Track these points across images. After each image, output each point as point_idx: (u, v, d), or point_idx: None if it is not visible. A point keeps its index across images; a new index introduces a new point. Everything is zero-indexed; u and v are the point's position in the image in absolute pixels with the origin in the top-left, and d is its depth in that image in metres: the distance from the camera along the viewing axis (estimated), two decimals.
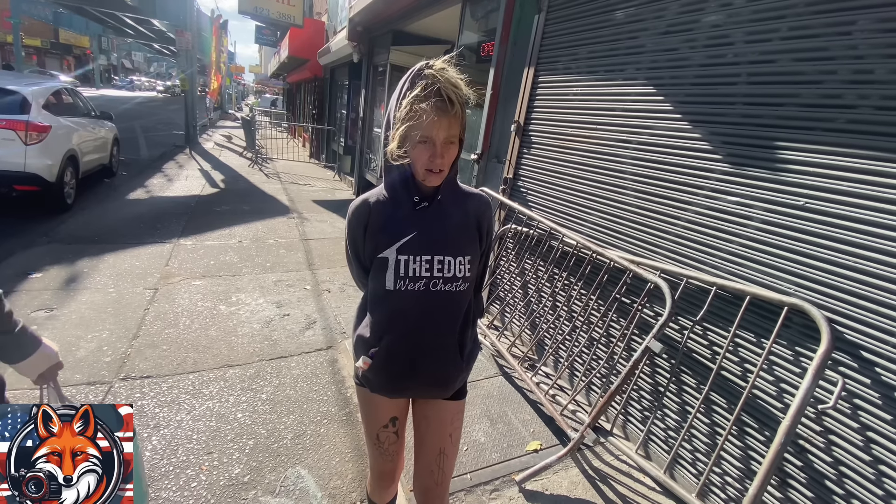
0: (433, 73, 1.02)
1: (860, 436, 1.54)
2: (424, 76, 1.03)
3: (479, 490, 2.01)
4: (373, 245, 1.15)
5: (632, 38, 2.43)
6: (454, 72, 1.05)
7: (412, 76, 1.05)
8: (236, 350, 2.91)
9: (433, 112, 1.01)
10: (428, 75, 1.02)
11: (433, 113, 1.01)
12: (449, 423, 1.31)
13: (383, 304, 1.17)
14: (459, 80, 1.05)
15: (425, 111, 1.01)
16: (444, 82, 1.02)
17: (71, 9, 19.98)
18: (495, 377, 2.88)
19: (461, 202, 1.20)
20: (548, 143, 3.05)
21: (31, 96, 4.98)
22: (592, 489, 2.10)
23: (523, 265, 3.19)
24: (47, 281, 3.50)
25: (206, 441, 2.11)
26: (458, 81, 1.04)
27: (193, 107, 11.58)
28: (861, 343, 1.54)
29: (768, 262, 1.80)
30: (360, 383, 1.28)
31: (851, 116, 1.56)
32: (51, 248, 4.13)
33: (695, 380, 2.06)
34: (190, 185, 7.49)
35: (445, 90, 1.01)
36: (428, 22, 5.74)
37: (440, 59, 1.06)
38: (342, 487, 1.95)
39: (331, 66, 11.42)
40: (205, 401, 2.39)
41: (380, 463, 1.37)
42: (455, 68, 1.06)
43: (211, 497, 1.82)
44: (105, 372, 2.52)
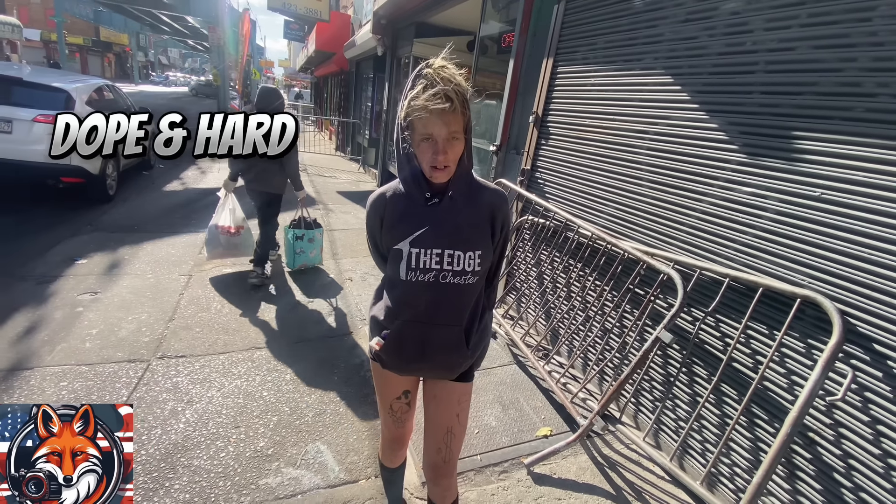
0: (431, 71, 1.06)
1: (870, 429, 1.52)
2: (423, 76, 1.07)
3: (489, 471, 2.09)
4: (389, 236, 1.22)
5: (650, 26, 2.40)
6: (453, 69, 1.08)
7: (413, 76, 1.10)
8: (264, 333, 3.06)
9: (432, 110, 1.04)
10: (426, 74, 1.06)
11: (433, 111, 1.04)
12: (456, 403, 1.38)
13: (396, 292, 1.24)
14: (458, 76, 1.08)
15: (425, 109, 1.05)
16: (442, 81, 1.04)
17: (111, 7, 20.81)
18: (509, 365, 2.94)
19: (475, 196, 1.22)
20: (565, 134, 3.06)
21: (74, 93, 5.27)
22: (601, 475, 2.14)
23: (539, 256, 3.22)
24: (92, 266, 3.76)
25: (234, 416, 2.27)
26: (456, 78, 1.07)
27: (225, 101, 11.96)
28: (874, 336, 1.52)
29: (782, 254, 1.78)
30: (374, 359, 1.37)
31: (870, 105, 1.52)
32: (94, 236, 4.42)
33: (706, 371, 2.07)
34: (222, 178, 7.75)
35: (444, 88, 1.04)
36: (450, 13, 5.75)
37: (440, 57, 1.10)
38: (358, 463, 2.06)
39: (356, 59, 11.56)
40: (233, 379, 2.55)
41: (392, 429, 1.47)
42: (455, 65, 1.09)
43: (238, 466, 1.97)
44: (144, 351, 2.71)
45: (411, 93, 1.08)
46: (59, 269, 3.65)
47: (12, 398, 2.21)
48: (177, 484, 1.85)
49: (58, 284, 3.40)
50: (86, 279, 3.53)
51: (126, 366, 2.57)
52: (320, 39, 12.55)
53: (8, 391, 2.26)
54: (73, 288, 3.37)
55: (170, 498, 1.79)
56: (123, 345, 2.75)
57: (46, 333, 2.78)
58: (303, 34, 15.96)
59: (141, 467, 1.90)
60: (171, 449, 2.02)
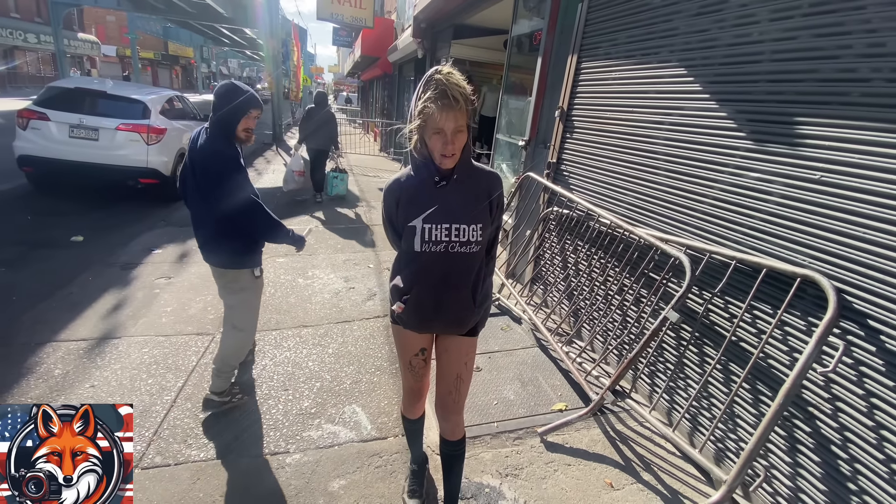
0: (441, 77, 1.29)
1: (864, 402, 1.59)
2: (434, 80, 1.30)
3: (504, 437, 2.28)
4: (404, 215, 1.45)
5: (666, 20, 2.49)
6: (458, 75, 1.32)
7: (425, 81, 1.33)
8: (310, 314, 3.42)
9: (442, 108, 1.27)
10: (437, 79, 1.29)
11: (443, 109, 1.27)
12: (464, 353, 1.62)
13: (413, 262, 1.48)
14: (462, 80, 1.31)
15: (437, 108, 1.28)
16: (449, 85, 1.27)
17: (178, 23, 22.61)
18: (531, 348, 3.10)
19: (475, 179, 1.46)
20: (588, 127, 3.17)
21: (150, 103, 5.95)
22: (611, 447, 2.28)
23: (563, 245, 3.36)
24: (166, 256, 4.30)
25: (283, 381, 2.60)
26: (461, 82, 1.30)
27: (279, 108, 12.75)
28: (868, 312, 1.58)
29: (785, 236, 1.85)
30: (395, 321, 1.61)
31: (865, 90, 1.58)
32: (167, 230, 5.01)
33: (713, 349, 2.15)
34: (275, 178, 8.38)
35: (451, 90, 1.27)
36: (485, 14, 5.94)
37: (447, 65, 1.33)
38: (388, 423, 2.33)
39: (399, 62, 11.98)
40: (284, 351, 2.90)
41: (411, 382, 1.72)
42: (459, 71, 1.32)
43: (286, 420, 2.29)
44: (209, 326, 3.13)
45: (424, 94, 1.31)
46: (139, 257, 4.21)
47: (105, 361, 2.67)
48: (236, 431, 2.20)
49: (138, 270, 3.94)
50: (161, 266, 4.06)
51: (195, 338, 2.98)
52: (365, 45, 13.09)
53: (101, 355, 2.72)
54: (151, 273, 3.89)
55: (231, 442, 2.13)
56: (193, 320, 3.18)
57: (131, 310, 3.27)
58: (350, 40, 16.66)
59: (213, 417, 2.27)
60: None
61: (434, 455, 2.11)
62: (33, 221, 5.07)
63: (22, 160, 5.55)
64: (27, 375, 2.47)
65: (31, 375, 2.48)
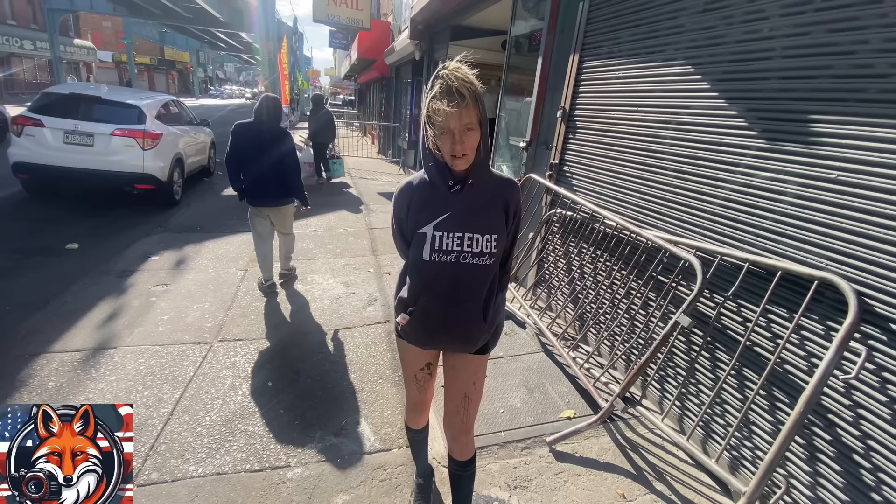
0: (447, 73, 1.21)
1: (888, 409, 1.53)
2: (440, 76, 1.22)
3: (511, 446, 2.22)
4: (415, 221, 1.36)
5: (671, 17, 2.44)
6: (466, 70, 1.22)
7: (432, 78, 1.26)
8: (310, 320, 3.35)
9: (448, 106, 1.19)
10: (442, 75, 1.21)
11: (448, 107, 1.19)
12: (473, 372, 1.53)
13: (420, 272, 1.38)
14: (471, 75, 1.22)
15: (442, 106, 1.20)
16: (454, 80, 1.19)
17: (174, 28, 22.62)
18: (536, 353, 3.04)
19: (491, 186, 1.36)
20: (591, 127, 3.12)
21: (145, 108, 5.89)
22: (622, 456, 2.22)
23: (567, 247, 3.30)
24: (162, 262, 4.23)
25: (282, 390, 2.53)
26: (469, 77, 1.21)
27: None
28: (891, 316, 1.52)
29: (800, 237, 1.79)
30: (400, 335, 1.54)
31: (883, 86, 1.53)
32: (164, 236, 4.94)
33: (727, 355, 2.09)
34: None
35: (456, 86, 1.19)
36: (483, 15, 5.90)
37: (455, 59, 1.25)
38: (391, 434, 2.26)
39: (396, 64, 11.93)
40: (283, 360, 2.83)
41: (415, 395, 1.65)
42: (468, 66, 1.23)
43: (287, 432, 2.22)
44: (207, 335, 3.06)
45: (430, 93, 1.24)
46: (135, 264, 4.14)
47: (100, 372, 2.59)
48: (235, 445, 2.13)
49: (135, 277, 3.86)
50: (158, 273, 3.98)
51: (192, 347, 2.91)
52: (362, 47, 13.03)
53: (96, 366, 2.65)
54: (148, 280, 3.82)
55: (230, 456, 2.06)
56: (190, 329, 3.11)
57: (127, 319, 3.19)
58: (347, 42, 16.60)
59: (206, 430, 2.20)
60: (230, 416, 2.31)
61: (440, 467, 2.04)
62: (28, 229, 4.99)
63: (17, 167, 5.47)
64: (20, 388, 2.40)
65: (24, 388, 2.40)
